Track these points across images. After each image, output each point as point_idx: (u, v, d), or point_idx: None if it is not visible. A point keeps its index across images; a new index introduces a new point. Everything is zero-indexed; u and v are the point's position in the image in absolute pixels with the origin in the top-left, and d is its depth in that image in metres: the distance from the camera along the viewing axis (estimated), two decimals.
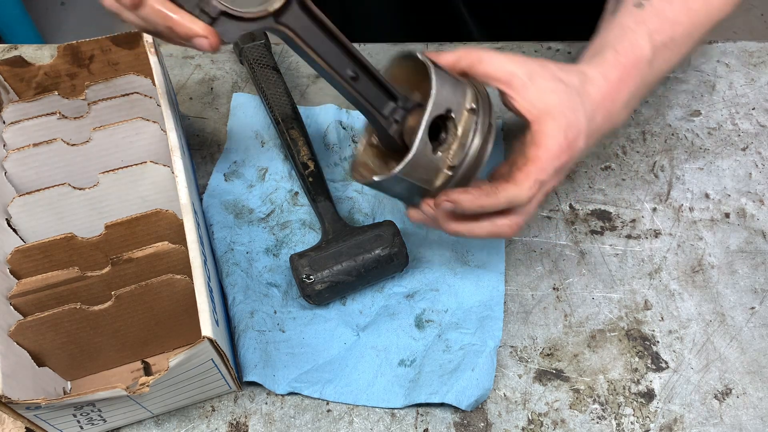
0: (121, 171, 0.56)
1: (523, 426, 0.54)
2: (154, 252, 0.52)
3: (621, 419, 0.54)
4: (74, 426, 0.50)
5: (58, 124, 0.60)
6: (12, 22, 1.90)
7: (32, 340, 0.50)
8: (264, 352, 0.56)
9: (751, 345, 0.57)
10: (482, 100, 0.50)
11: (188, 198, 0.54)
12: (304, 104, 0.73)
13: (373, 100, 0.50)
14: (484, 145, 0.49)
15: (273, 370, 0.55)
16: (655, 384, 0.55)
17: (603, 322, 0.59)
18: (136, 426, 0.54)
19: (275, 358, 0.56)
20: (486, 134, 0.49)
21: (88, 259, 0.55)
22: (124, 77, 0.62)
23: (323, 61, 0.48)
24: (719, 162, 0.69)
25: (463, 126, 0.48)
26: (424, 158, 0.47)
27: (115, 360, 0.56)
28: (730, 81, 0.75)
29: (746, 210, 0.65)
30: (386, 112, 0.50)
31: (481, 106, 0.49)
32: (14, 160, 0.58)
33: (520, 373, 0.56)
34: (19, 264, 0.53)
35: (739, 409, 0.54)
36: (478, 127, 0.49)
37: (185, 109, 0.73)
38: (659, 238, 0.63)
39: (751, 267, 0.61)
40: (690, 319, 0.59)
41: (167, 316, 0.53)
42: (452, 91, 0.48)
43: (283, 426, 0.54)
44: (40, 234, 0.57)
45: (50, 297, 0.52)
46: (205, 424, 0.54)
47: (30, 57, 0.76)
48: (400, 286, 0.60)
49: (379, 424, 0.54)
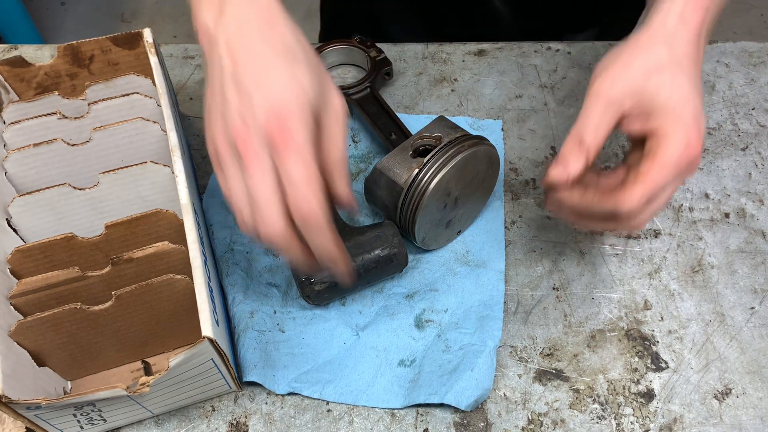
0: (121, 171, 0.56)
1: (523, 426, 0.54)
2: (154, 252, 0.52)
3: (621, 419, 0.54)
4: (74, 426, 0.50)
5: (58, 124, 0.60)
6: (12, 22, 1.91)
7: (32, 340, 0.50)
8: (264, 352, 0.56)
9: (751, 345, 0.57)
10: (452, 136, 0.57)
11: (188, 198, 0.54)
12: None
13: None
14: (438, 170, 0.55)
15: (273, 370, 0.55)
16: (655, 384, 0.55)
17: (603, 322, 0.59)
18: (136, 426, 0.54)
19: (275, 358, 0.56)
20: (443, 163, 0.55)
21: (88, 259, 0.55)
22: (124, 77, 0.62)
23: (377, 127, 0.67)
24: (719, 162, 0.69)
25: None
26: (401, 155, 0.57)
27: (115, 360, 0.56)
28: (730, 81, 0.75)
29: (746, 210, 0.65)
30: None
31: (448, 140, 0.56)
32: (14, 160, 0.58)
33: (520, 373, 0.56)
34: (19, 264, 0.53)
35: (739, 409, 0.54)
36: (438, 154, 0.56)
37: (185, 109, 0.73)
38: (659, 238, 0.63)
39: (751, 267, 0.61)
40: (690, 319, 0.59)
41: (167, 316, 0.53)
42: (440, 129, 0.59)
43: (283, 426, 0.54)
44: (40, 234, 0.57)
45: (50, 297, 0.52)
46: (205, 424, 0.54)
47: (30, 57, 0.76)
48: (399, 287, 0.60)
49: (379, 424, 0.54)
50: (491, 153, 0.58)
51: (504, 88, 0.75)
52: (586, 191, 0.50)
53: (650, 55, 0.48)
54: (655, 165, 0.47)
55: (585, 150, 0.49)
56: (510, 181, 0.67)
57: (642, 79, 0.48)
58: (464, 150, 0.55)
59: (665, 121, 0.47)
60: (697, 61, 0.49)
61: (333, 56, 0.77)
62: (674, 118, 0.47)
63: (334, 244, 0.45)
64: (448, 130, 0.58)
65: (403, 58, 0.78)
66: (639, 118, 0.49)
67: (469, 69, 0.77)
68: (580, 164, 0.49)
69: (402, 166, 0.56)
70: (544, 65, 0.77)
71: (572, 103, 0.74)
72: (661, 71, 0.48)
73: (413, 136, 0.59)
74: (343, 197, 0.47)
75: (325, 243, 0.44)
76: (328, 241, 0.44)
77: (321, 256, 0.45)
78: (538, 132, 0.71)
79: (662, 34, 0.49)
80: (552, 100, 0.74)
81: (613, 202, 0.47)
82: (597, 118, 0.49)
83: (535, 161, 0.69)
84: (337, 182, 0.46)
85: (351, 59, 0.77)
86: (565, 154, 0.49)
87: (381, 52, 0.74)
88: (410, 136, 0.61)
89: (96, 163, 0.60)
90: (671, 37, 0.49)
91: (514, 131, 0.71)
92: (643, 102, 0.48)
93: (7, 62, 0.64)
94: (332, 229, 0.44)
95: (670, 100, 0.47)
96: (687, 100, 0.47)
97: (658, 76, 0.48)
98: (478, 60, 0.78)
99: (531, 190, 0.67)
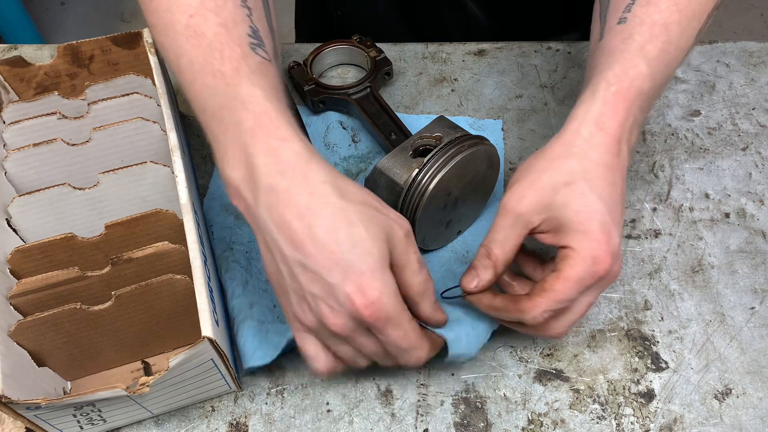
0: (121, 171, 0.56)
1: (523, 426, 0.54)
2: (154, 252, 0.52)
3: (621, 419, 0.54)
4: (74, 426, 0.50)
5: (58, 124, 0.60)
6: (12, 22, 1.91)
7: (32, 340, 0.50)
8: (264, 339, 0.55)
9: (751, 345, 0.57)
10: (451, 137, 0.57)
11: (188, 198, 0.54)
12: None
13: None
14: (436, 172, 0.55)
15: (274, 351, 0.54)
16: (655, 384, 0.55)
17: (603, 322, 0.59)
18: (136, 426, 0.54)
19: (276, 342, 0.55)
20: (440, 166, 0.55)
21: (88, 259, 0.55)
22: (124, 77, 0.62)
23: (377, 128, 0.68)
24: (719, 162, 0.69)
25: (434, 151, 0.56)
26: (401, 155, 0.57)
27: (115, 360, 0.56)
28: (730, 81, 0.75)
29: (746, 210, 0.65)
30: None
31: (447, 141, 0.56)
32: (14, 160, 0.58)
33: (520, 373, 0.56)
34: (19, 264, 0.53)
35: (739, 409, 0.54)
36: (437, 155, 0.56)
37: (185, 109, 0.73)
38: (659, 238, 0.63)
39: (751, 267, 0.61)
40: (690, 319, 0.59)
41: (167, 316, 0.53)
42: (440, 129, 0.59)
43: (283, 426, 0.54)
44: (40, 234, 0.57)
45: (50, 297, 0.52)
46: (205, 424, 0.54)
47: (30, 57, 0.76)
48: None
49: (379, 424, 0.54)
50: (491, 153, 0.58)
51: (504, 88, 0.75)
52: (495, 296, 0.50)
53: (560, 168, 0.47)
54: (559, 281, 0.46)
55: (492, 263, 0.49)
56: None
57: (549, 195, 0.47)
58: (464, 150, 0.55)
59: (572, 237, 0.46)
60: (615, 168, 0.47)
61: (333, 56, 0.77)
62: (581, 234, 0.46)
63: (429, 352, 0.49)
64: (448, 130, 0.58)
65: (403, 58, 0.78)
66: (549, 232, 0.48)
67: (469, 69, 0.77)
68: (488, 275, 0.50)
69: (402, 166, 0.56)
70: (544, 65, 0.77)
71: (572, 103, 0.73)
72: (569, 185, 0.46)
73: (413, 136, 0.59)
74: (430, 319, 0.49)
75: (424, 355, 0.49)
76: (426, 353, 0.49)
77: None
78: (538, 132, 0.71)
79: (576, 144, 0.47)
80: (552, 100, 0.74)
81: (517, 311, 0.48)
82: (504, 233, 0.49)
83: None
84: (422, 306, 0.48)
85: (351, 59, 0.77)
86: (475, 265, 0.50)
87: (381, 52, 0.74)
88: (410, 136, 0.61)
89: (96, 163, 0.60)
90: (585, 147, 0.47)
91: (514, 131, 0.71)
92: (551, 217, 0.47)
93: (7, 62, 0.64)
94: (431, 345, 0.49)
95: (578, 215, 0.46)
96: (595, 213, 0.46)
97: (566, 190, 0.46)
98: (478, 60, 0.78)
99: None
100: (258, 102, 0.43)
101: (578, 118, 0.48)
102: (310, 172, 0.43)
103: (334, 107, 0.72)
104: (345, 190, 0.43)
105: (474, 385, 0.56)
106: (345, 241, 0.42)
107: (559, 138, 0.49)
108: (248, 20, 0.47)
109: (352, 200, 0.43)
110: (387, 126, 0.68)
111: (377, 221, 0.43)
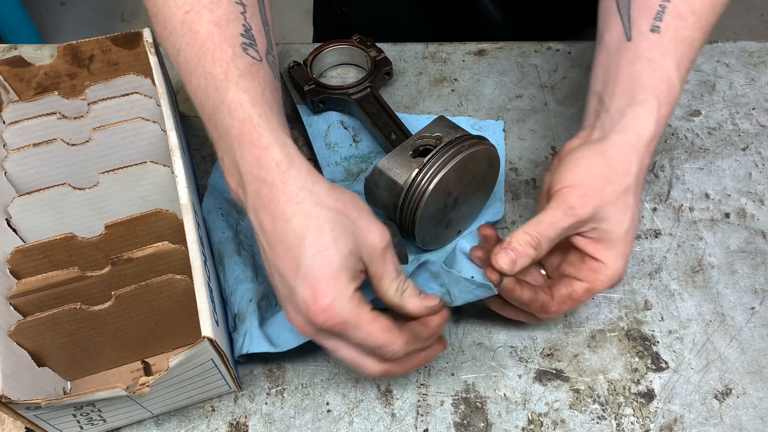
0: (121, 171, 0.56)
1: (523, 426, 0.54)
2: (154, 252, 0.52)
3: (621, 419, 0.54)
4: (74, 426, 0.50)
5: (58, 124, 0.60)
6: (12, 22, 1.91)
7: (32, 340, 0.50)
8: (263, 330, 0.55)
9: (751, 345, 0.57)
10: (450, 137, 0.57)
11: (188, 198, 0.54)
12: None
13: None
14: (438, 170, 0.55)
15: (274, 337, 0.54)
16: (655, 384, 0.55)
17: (603, 322, 0.59)
18: (136, 426, 0.54)
19: (276, 330, 0.55)
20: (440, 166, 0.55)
21: (88, 259, 0.55)
22: (124, 77, 0.62)
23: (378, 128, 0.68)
24: (719, 162, 0.69)
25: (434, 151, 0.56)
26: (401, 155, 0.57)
27: (115, 360, 0.56)
28: (730, 81, 0.75)
29: (746, 210, 0.65)
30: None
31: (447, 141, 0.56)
32: (14, 160, 0.58)
33: (520, 373, 0.56)
34: (19, 264, 0.53)
35: (739, 409, 0.54)
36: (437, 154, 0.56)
37: (185, 109, 0.73)
38: (659, 238, 0.63)
39: (751, 267, 0.61)
40: (690, 319, 0.59)
41: (167, 316, 0.53)
42: (440, 129, 0.59)
43: (283, 426, 0.54)
44: (40, 234, 0.57)
45: (50, 297, 0.52)
46: (205, 424, 0.54)
47: (30, 57, 0.76)
48: None
49: (379, 424, 0.54)
50: (491, 153, 0.58)
51: (504, 88, 0.75)
52: (524, 289, 0.51)
53: (622, 184, 0.49)
54: (585, 293, 0.51)
55: (536, 255, 0.49)
56: (510, 181, 0.67)
57: (607, 207, 0.49)
58: (464, 150, 0.55)
59: (607, 253, 0.50)
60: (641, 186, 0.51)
61: (333, 56, 0.77)
62: (617, 253, 0.50)
63: (428, 356, 0.51)
64: (448, 130, 0.58)
65: (403, 58, 0.78)
66: (588, 241, 0.50)
67: (469, 69, 0.77)
68: (525, 263, 0.49)
69: (402, 166, 0.56)
70: (544, 65, 0.77)
71: (572, 103, 0.74)
72: (620, 202, 0.49)
73: (413, 136, 0.59)
74: (421, 315, 0.49)
75: (424, 358, 0.51)
76: (425, 357, 0.51)
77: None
78: (538, 132, 0.71)
79: (633, 163, 0.49)
80: (552, 100, 0.74)
81: (539, 308, 0.51)
82: (559, 234, 0.49)
83: (535, 161, 0.69)
84: (407, 309, 0.48)
85: (351, 59, 0.77)
86: (516, 249, 0.49)
87: (381, 52, 0.74)
88: (410, 136, 0.61)
89: (96, 163, 0.60)
90: (637, 167, 0.49)
91: (515, 131, 0.71)
92: (597, 230, 0.49)
93: (7, 62, 0.64)
94: (419, 340, 0.49)
95: (618, 235, 0.49)
96: (629, 231, 0.49)
97: (619, 206, 0.49)
98: (478, 60, 0.78)
99: (531, 190, 0.67)
100: (243, 109, 0.45)
101: (636, 132, 0.49)
102: (289, 179, 0.44)
103: (334, 107, 0.72)
104: (322, 198, 0.44)
105: (474, 385, 0.56)
106: (309, 248, 0.43)
107: (619, 147, 0.49)
108: (242, 18, 0.48)
109: (328, 208, 0.44)
110: (387, 126, 0.68)
111: (349, 231, 0.44)
